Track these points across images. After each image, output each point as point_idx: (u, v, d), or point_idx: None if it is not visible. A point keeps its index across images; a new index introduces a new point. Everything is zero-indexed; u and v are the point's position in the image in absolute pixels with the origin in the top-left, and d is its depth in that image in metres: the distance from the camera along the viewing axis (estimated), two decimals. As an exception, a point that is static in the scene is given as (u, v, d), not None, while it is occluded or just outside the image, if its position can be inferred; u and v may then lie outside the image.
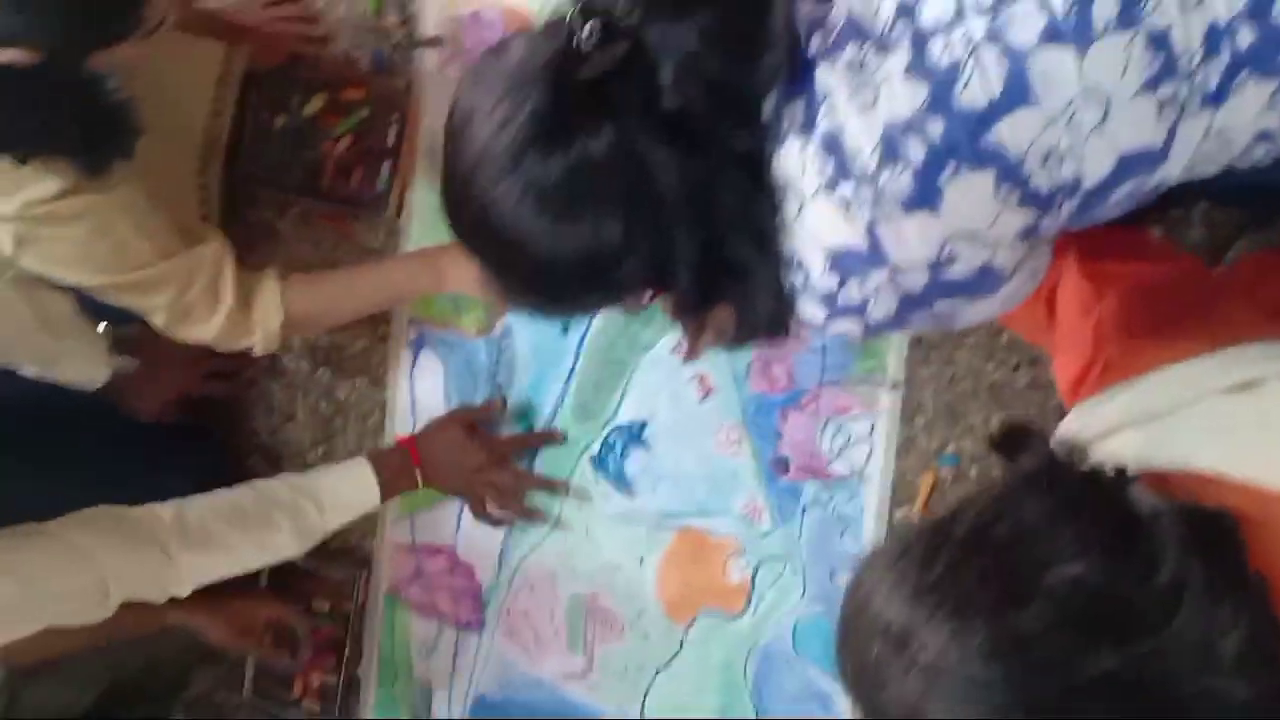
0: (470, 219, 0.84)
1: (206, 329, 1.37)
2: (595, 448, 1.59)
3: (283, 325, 1.41)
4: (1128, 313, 1.02)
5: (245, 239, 1.69)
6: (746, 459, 1.53)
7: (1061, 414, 1.33)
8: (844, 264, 0.82)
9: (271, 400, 1.68)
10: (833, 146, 0.78)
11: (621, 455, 1.58)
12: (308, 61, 1.68)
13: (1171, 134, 0.78)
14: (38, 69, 1.12)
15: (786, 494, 1.52)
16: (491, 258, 0.86)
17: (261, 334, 1.41)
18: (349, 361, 1.66)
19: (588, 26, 0.76)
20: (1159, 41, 0.74)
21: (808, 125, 0.80)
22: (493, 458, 1.52)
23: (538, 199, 0.79)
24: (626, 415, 1.57)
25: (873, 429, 1.50)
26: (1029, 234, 0.82)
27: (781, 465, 1.52)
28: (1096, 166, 0.78)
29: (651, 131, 0.78)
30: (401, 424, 1.65)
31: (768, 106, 0.80)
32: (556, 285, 0.86)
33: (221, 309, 1.36)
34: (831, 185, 0.79)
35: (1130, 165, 0.79)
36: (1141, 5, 0.73)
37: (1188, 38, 0.74)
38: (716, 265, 0.83)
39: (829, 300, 0.84)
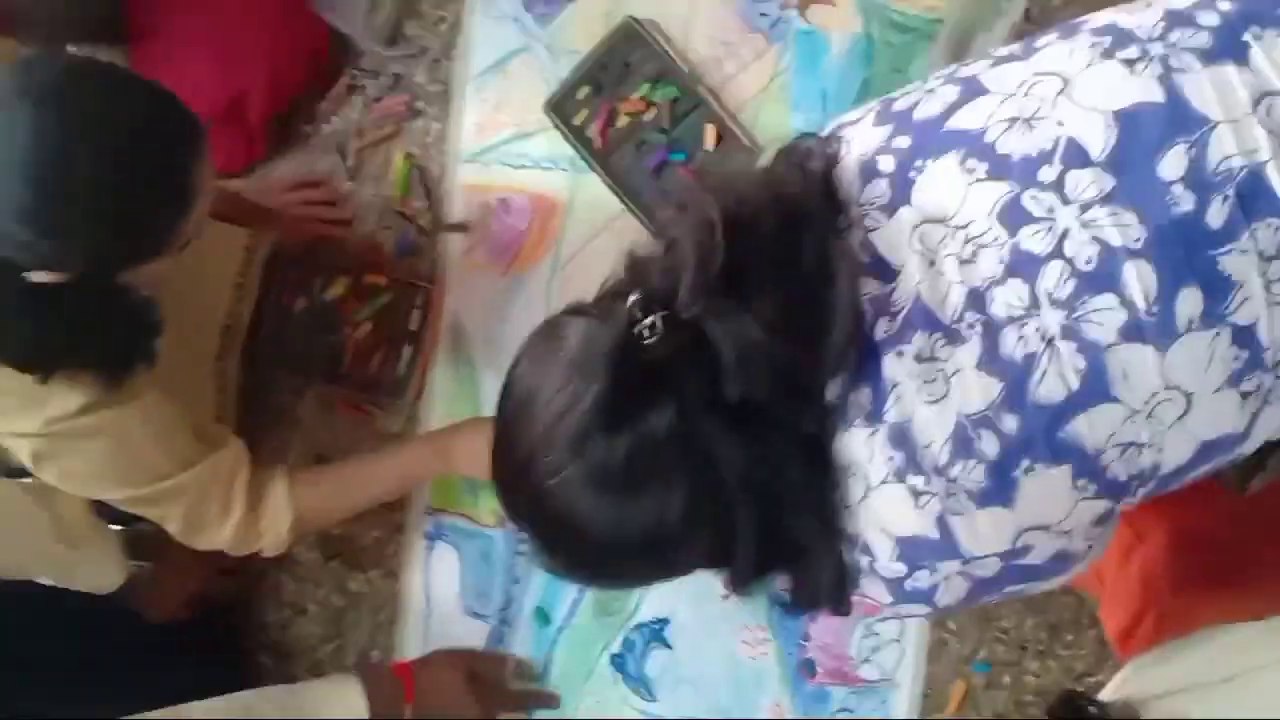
0: (528, 502, 0.81)
1: (218, 536, 1.34)
2: (615, 646, 1.54)
3: (291, 526, 1.38)
4: (1172, 561, 1.00)
5: (263, 423, 1.67)
6: (772, 661, 1.49)
7: (1100, 637, 1.30)
8: (913, 553, 0.79)
9: (282, 593, 1.63)
10: (902, 438, 0.76)
11: (642, 655, 1.53)
12: (331, 245, 1.67)
13: (1254, 419, 0.77)
14: (64, 288, 1.10)
15: (813, 699, 1.48)
16: (548, 538, 0.83)
17: (271, 538, 1.37)
18: (362, 553, 1.62)
19: (650, 319, 0.74)
20: (1243, 338, 0.73)
21: (875, 414, 0.78)
22: (487, 711, 1.47)
23: (600, 482, 0.77)
24: (648, 613, 1.53)
25: (902, 631, 1.45)
26: (1104, 519, 0.80)
27: (808, 668, 1.48)
28: (1176, 455, 0.77)
29: (713, 415, 0.76)
30: (415, 618, 1.60)
31: (832, 390, 0.78)
32: (614, 564, 0.83)
33: (232, 516, 1.33)
34: (900, 476, 0.77)
35: (1211, 450, 0.78)
36: (1227, 303, 0.72)
37: (1273, 332, 0.73)
38: (777, 542, 0.81)
39: (896, 585, 0.81)
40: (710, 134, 1.47)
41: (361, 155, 1.68)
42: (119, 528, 1.45)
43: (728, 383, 0.75)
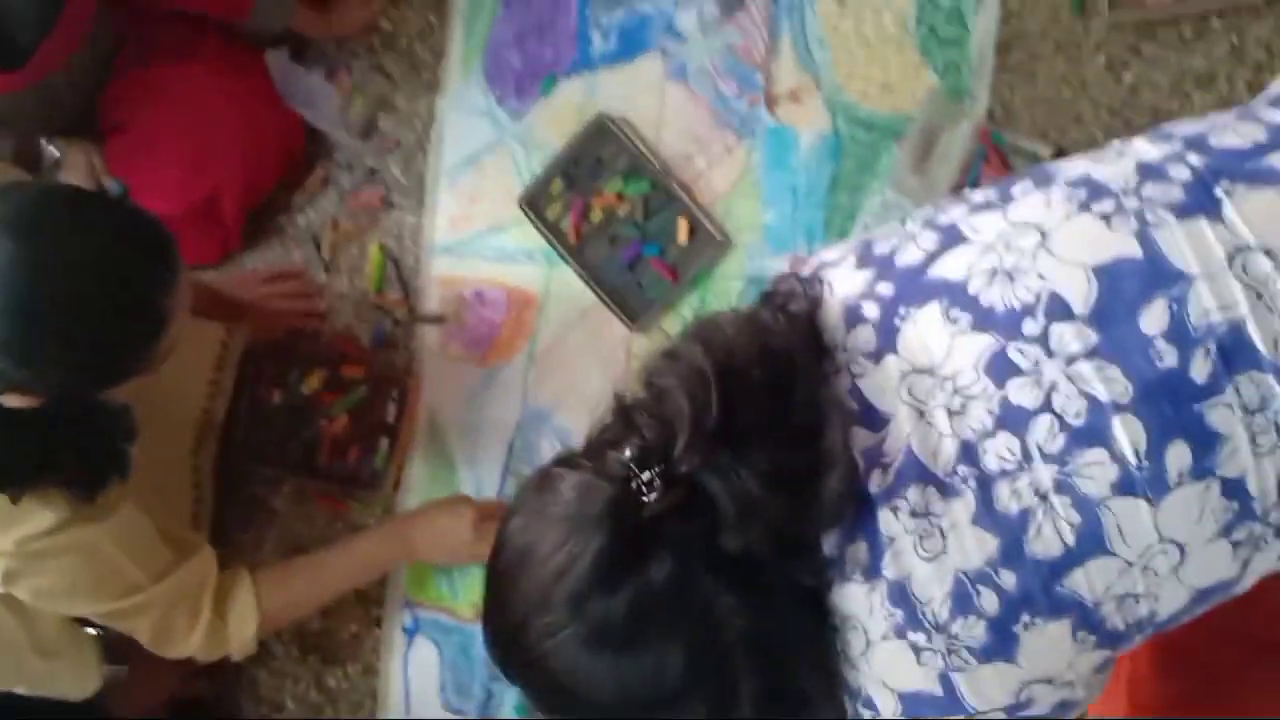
0: (523, 663, 0.80)
1: (187, 645, 1.34)
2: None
3: (258, 629, 1.38)
4: (1159, 680, 1.00)
5: (239, 516, 1.66)
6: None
7: None
8: (916, 708, 0.79)
9: (259, 689, 1.62)
10: (901, 594, 0.76)
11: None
12: (307, 337, 1.67)
13: (1246, 565, 0.77)
14: (37, 409, 1.10)
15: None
16: (544, 696, 0.82)
17: (237, 642, 1.37)
18: (340, 648, 1.61)
19: (648, 475, 0.74)
20: (1233, 490, 0.74)
21: (873, 569, 0.77)
22: None
23: (599, 641, 0.76)
24: None
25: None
26: (1104, 667, 0.80)
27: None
28: (1172, 603, 0.77)
29: (712, 568, 0.75)
30: (395, 714, 1.58)
31: (829, 544, 0.78)
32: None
33: (200, 624, 1.33)
34: (901, 632, 0.77)
35: (1206, 596, 0.78)
36: (1215, 455, 0.73)
37: (1262, 484, 0.74)
38: (779, 694, 0.80)
39: None
40: (683, 228, 1.49)
41: (336, 248, 1.68)
42: (94, 631, 1.43)
43: (726, 536, 0.74)
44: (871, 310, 0.80)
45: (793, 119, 1.47)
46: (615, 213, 1.52)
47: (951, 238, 0.80)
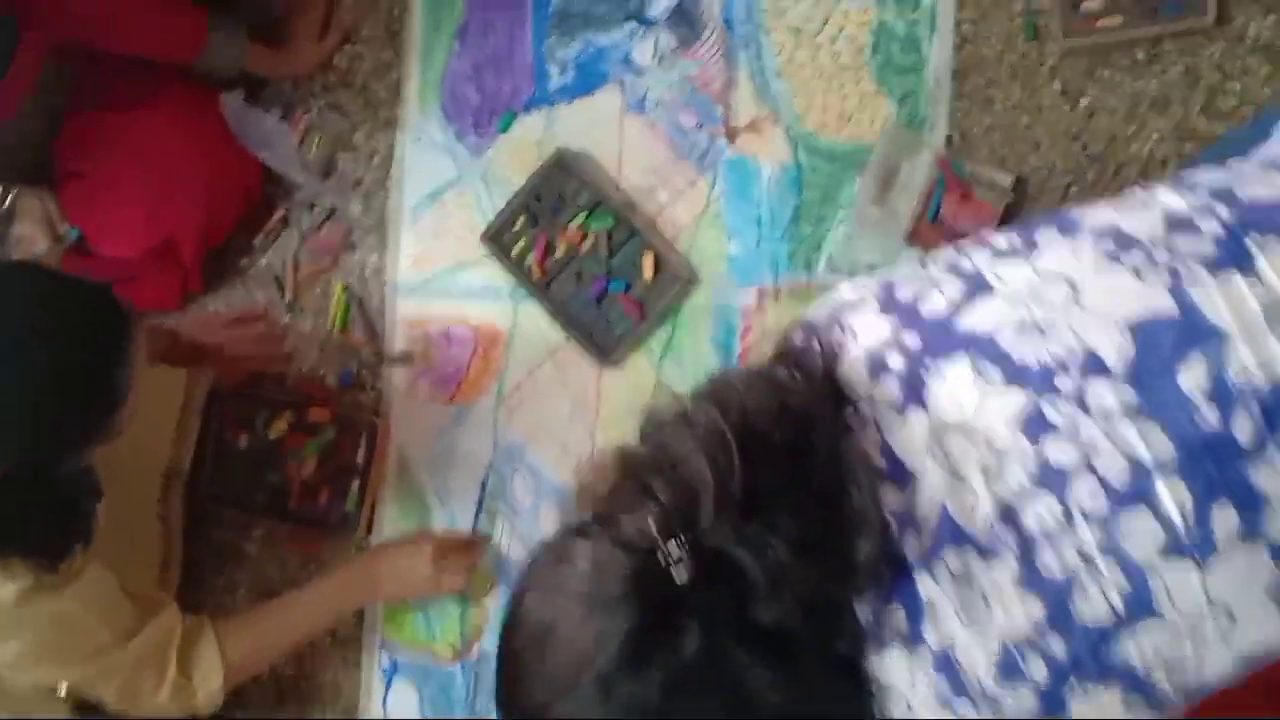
0: None
1: (154, 704, 1.33)
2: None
3: (223, 682, 1.37)
4: None
5: (210, 561, 1.64)
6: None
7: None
8: None
9: (237, 738, 1.61)
10: (944, 663, 0.74)
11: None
12: (272, 380, 1.66)
13: None
14: None
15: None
16: None
17: (204, 697, 1.36)
18: (317, 690, 1.60)
19: (673, 547, 0.70)
20: None
21: (913, 636, 0.75)
22: None
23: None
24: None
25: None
26: None
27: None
28: (1220, 667, 0.75)
29: (743, 640, 0.71)
30: (376, 757, 1.58)
31: (864, 610, 0.75)
32: None
33: (166, 683, 1.32)
34: (945, 701, 0.74)
35: (1255, 661, 0.77)
36: (1261, 517, 0.71)
37: None
38: None
39: None
40: (648, 263, 1.49)
41: (299, 288, 1.67)
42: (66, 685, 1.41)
43: (759, 608, 0.71)
44: (897, 361, 0.77)
45: (753, 150, 1.47)
46: (580, 249, 1.52)
47: (977, 286, 0.78)
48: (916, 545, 0.73)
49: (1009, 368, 0.74)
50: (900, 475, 0.74)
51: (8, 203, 1.59)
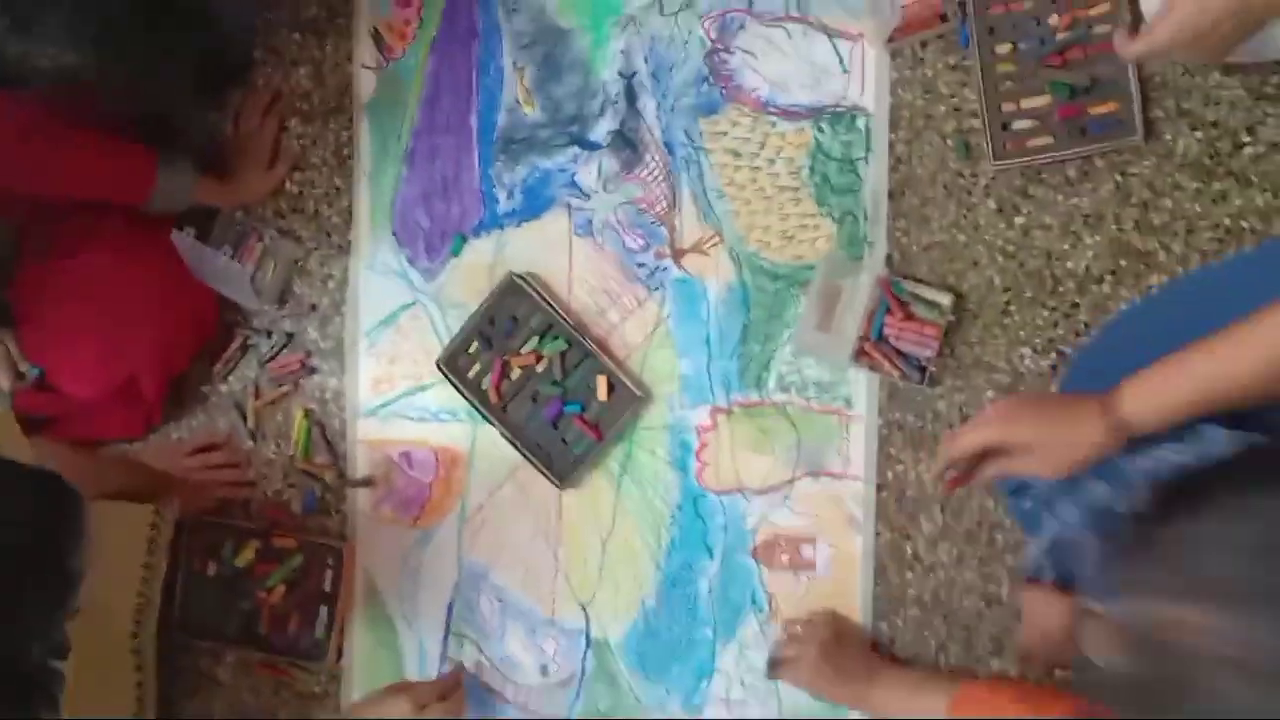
0: None
1: None
2: None
3: None
4: None
5: (184, 688, 1.65)
6: None
7: None
8: None
9: None
10: None
11: None
12: (238, 506, 1.67)
13: None
14: None
15: None
16: None
17: None
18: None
19: None
20: None
21: None
22: None
23: None
24: None
25: None
26: None
27: None
28: None
29: None
30: None
31: None
32: None
33: None
34: None
35: None
36: None
37: None
38: None
39: None
40: (602, 385, 1.50)
41: (261, 414, 1.68)
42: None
43: None
44: None
45: (700, 270, 1.48)
46: (534, 370, 1.53)
47: None
48: None
49: None
50: None
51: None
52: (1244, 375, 0.92)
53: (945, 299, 1.35)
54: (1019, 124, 1.34)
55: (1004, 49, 1.34)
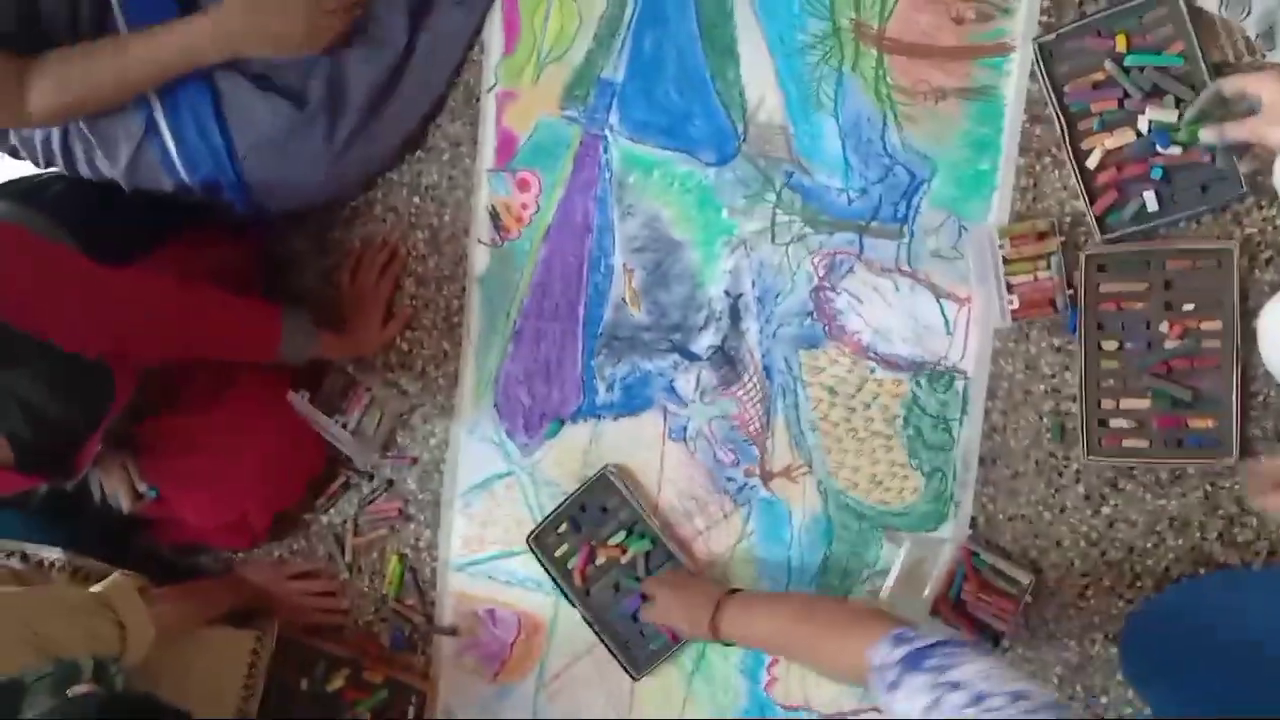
0: None
1: None
2: None
3: None
4: None
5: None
6: None
7: None
8: None
9: None
10: None
11: None
12: (330, 632, 1.79)
13: None
14: None
15: None
16: None
17: None
18: None
19: None
20: None
21: None
22: None
23: None
24: None
25: None
26: None
27: None
28: None
29: None
30: None
31: None
32: None
33: None
34: None
35: None
36: None
37: None
38: None
39: None
40: (682, 590, 1.57)
41: (357, 550, 1.78)
42: None
43: None
44: None
45: (787, 495, 1.54)
46: (619, 562, 1.61)
47: None
48: None
49: None
50: None
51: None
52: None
53: (1025, 578, 1.39)
54: (1116, 422, 1.36)
55: (1110, 345, 1.35)
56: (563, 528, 1.64)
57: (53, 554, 1.60)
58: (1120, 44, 1.33)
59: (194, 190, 1.54)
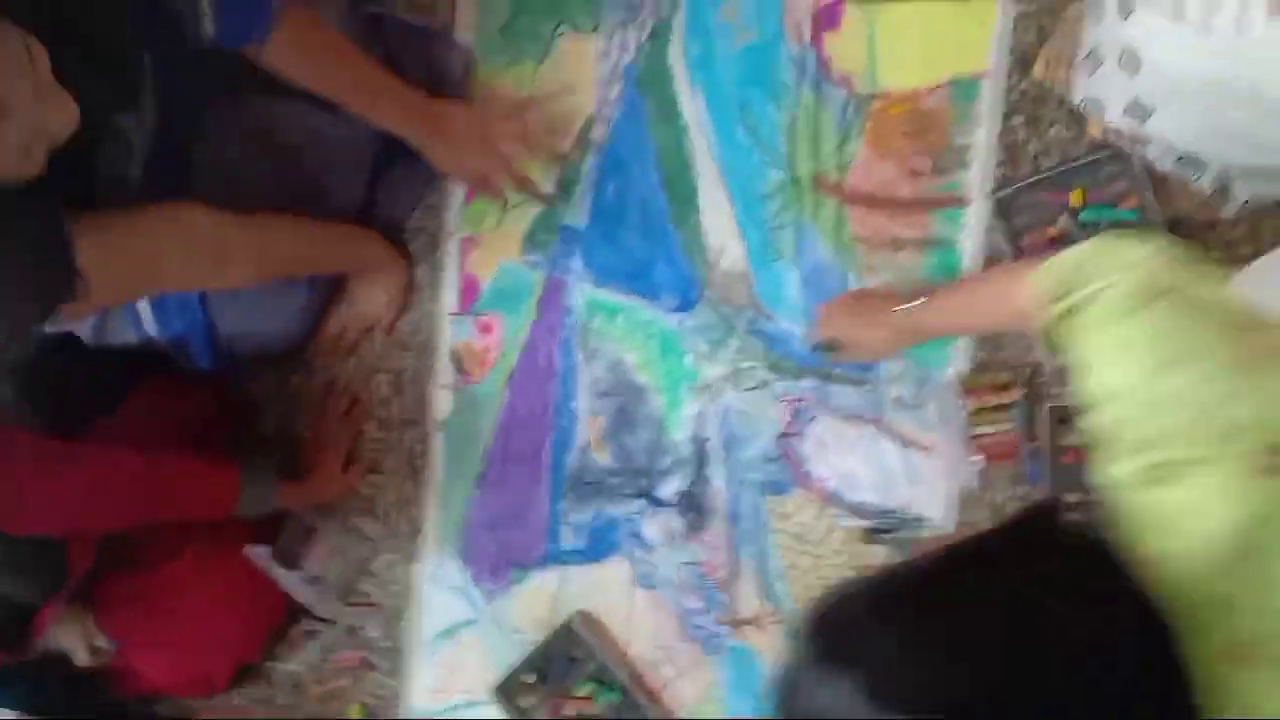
0: None
1: None
2: None
3: None
4: None
5: None
6: None
7: None
8: None
9: None
10: None
11: None
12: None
13: None
14: None
15: None
16: None
17: None
18: None
19: None
20: None
21: None
22: None
23: None
24: None
25: None
26: None
27: None
28: None
29: None
30: None
31: None
32: None
33: None
34: None
35: None
36: None
37: None
38: None
39: None
40: (654, 743, 1.54)
41: (319, 699, 1.73)
42: None
43: None
44: None
45: (756, 644, 1.51)
46: (587, 713, 1.57)
47: None
48: None
49: None
50: None
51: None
52: None
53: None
54: (1084, 573, 1.35)
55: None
56: (529, 678, 1.61)
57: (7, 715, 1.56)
58: (1075, 198, 1.34)
59: (160, 345, 1.53)
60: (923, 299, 1.30)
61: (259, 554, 1.63)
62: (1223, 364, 0.79)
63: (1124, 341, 0.84)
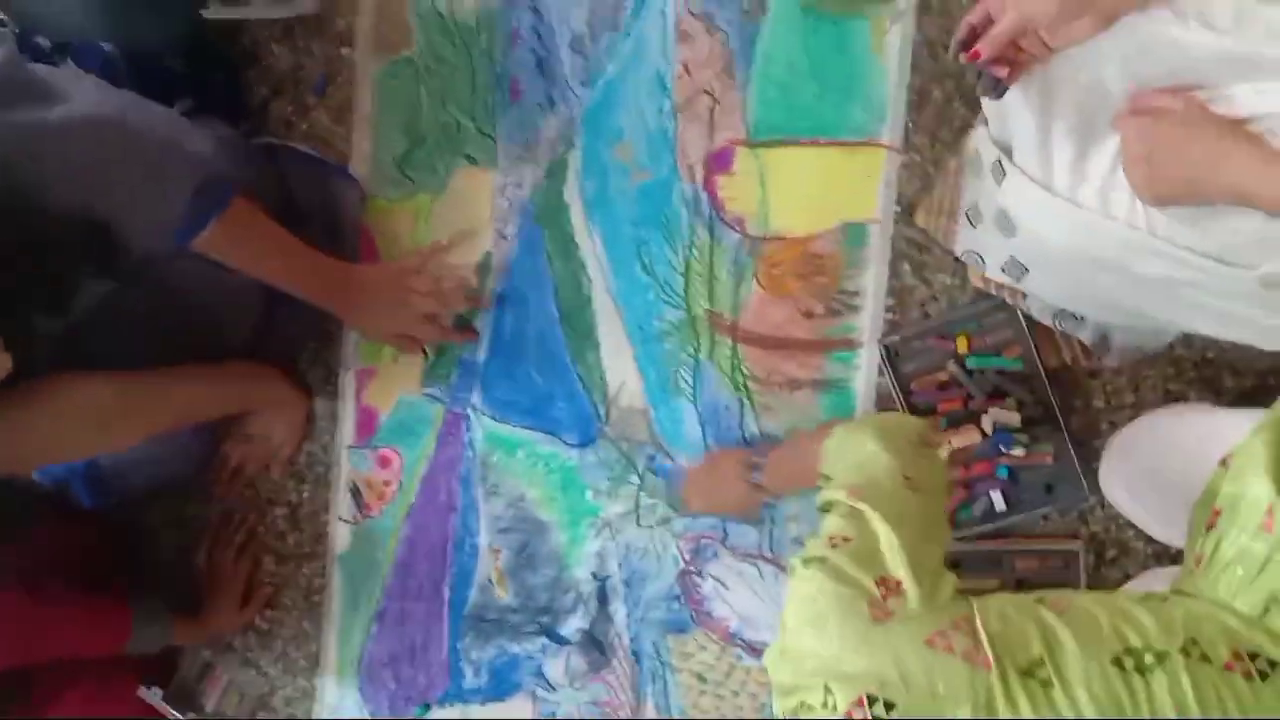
0: None
1: None
2: None
3: None
4: None
5: None
6: None
7: None
8: None
9: None
10: None
11: None
12: None
13: None
14: None
15: None
16: None
17: None
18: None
19: None
20: None
21: None
22: None
23: None
24: None
25: None
26: None
27: None
28: None
29: None
30: None
31: None
32: None
33: None
34: None
35: None
36: None
37: None
38: None
39: None
40: None
41: (216, 841, 1.68)
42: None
43: None
44: None
45: (659, 787, 1.49)
46: None
47: None
48: None
49: None
50: None
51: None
52: None
53: None
54: (979, 717, 1.35)
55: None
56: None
57: None
58: (961, 345, 1.36)
59: (42, 485, 1.49)
60: (760, 467, 1.37)
61: (151, 695, 1.58)
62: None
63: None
